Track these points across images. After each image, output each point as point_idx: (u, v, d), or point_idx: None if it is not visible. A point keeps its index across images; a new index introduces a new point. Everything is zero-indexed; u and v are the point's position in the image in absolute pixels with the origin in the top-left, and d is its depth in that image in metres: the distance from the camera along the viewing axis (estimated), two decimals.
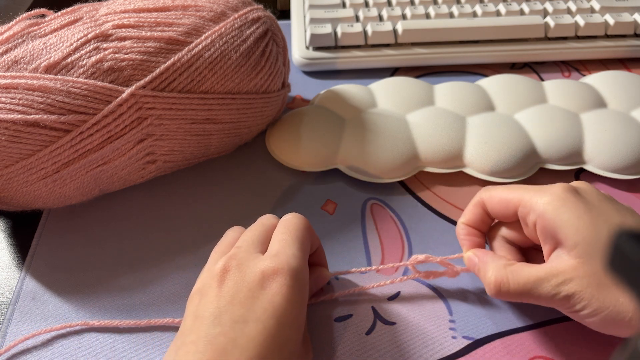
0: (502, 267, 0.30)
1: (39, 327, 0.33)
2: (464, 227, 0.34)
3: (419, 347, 0.32)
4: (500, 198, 0.32)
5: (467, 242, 0.33)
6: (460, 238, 0.34)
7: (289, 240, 0.29)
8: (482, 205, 0.33)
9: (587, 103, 0.43)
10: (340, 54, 0.49)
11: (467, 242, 0.33)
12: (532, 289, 0.28)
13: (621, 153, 0.39)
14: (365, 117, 0.42)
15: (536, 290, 0.28)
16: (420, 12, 0.50)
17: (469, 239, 0.33)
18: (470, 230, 0.34)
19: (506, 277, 0.29)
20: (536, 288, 0.28)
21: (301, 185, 0.41)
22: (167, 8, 0.36)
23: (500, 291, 0.29)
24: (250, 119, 0.39)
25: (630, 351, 0.16)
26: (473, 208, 0.34)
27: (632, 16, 0.50)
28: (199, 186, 0.41)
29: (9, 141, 0.32)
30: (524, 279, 0.29)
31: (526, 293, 0.29)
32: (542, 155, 0.40)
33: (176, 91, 0.35)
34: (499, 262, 0.30)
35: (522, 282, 0.29)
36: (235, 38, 0.36)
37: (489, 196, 0.32)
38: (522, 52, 0.50)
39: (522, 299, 0.29)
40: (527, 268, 0.29)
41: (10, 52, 0.34)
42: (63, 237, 0.38)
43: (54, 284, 0.35)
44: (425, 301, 0.34)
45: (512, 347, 0.32)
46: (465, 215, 0.34)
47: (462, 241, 0.34)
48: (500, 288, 0.29)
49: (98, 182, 0.36)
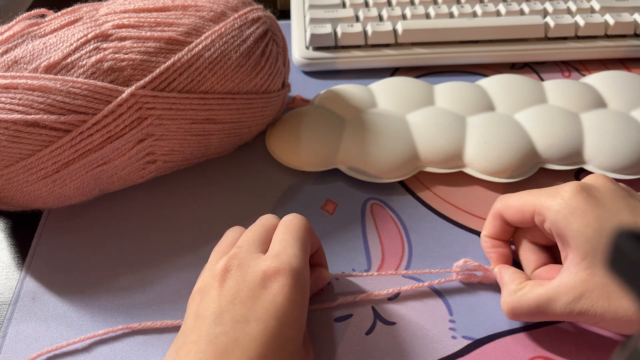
0: (512, 292, 0.30)
1: (39, 327, 0.33)
2: (488, 240, 0.34)
3: (419, 347, 0.32)
4: (516, 208, 0.32)
5: (494, 255, 0.34)
6: (486, 252, 0.34)
7: (290, 241, 0.29)
8: (500, 216, 0.33)
9: (587, 103, 0.43)
10: (340, 54, 0.49)
11: (494, 254, 0.34)
12: (545, 310, 0.28)
13: (621, 153, 0.39)
14: (365, 117, 0.42)
15: (550, 309, 0.28)
16: (420, 12, 0.50)
17: (495, 252, 0.34)
18: (494, 242, 0.34)
19: (517, 302, 0.30)
20: (549, 307, 0.28)
21: (301, 185, 0.41)
22: (167, 8, 0.36)
23: (514, 315, 0.30)
24: (250, 119, 0.39)
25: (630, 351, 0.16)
26: (492, 220, 0.34)
27: (632, 16, 0.50)
28: (199, 186, 0.41)
29: (9, 141, 0.32)
30: (535, 301, 0.29)
31: (540, 314, 0.29)
32: (542, 155, 0.40)
33: (176, 91, 0.35)
34: (510, 286, 0.31)
35: (535, 304, 0.29)
36: (235, 38, 0.36)
37: (505, 206, 0.32)
38: (522, 52, 0.50)
39: (539, 318, 0.30)
40: (537, 289, 0.29)
41: (10, 52, 0.34)
42: (63, 237, 0.38)
43: (54, 284, 0.35)
44: (425, 301, 0.34)
45: (512, 347, 0.32)
46: (486, 228, 0.34)
47: (488, 254, 0.34)
48: (514, 312, 0.30)
49: (98, 182, 0.36)
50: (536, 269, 0.32)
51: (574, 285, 0.27)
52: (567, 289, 0.28)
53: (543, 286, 0.29)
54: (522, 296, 0.29)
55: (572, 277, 0.28)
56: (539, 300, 0.29)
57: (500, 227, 0.33)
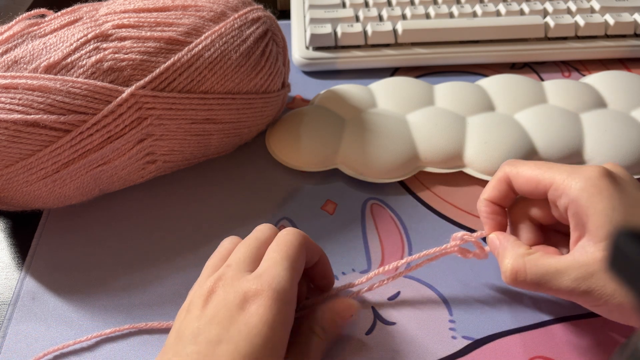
0: (520, 255, 0.29)
1: (39, 327, 0.33)
2: (487, 204, 0.33)
3: (419, 347, 0.32)
4: (529, 177, 0.30)
5: (490, 222, 0.32)
6: (482, 216, 0.33)
7: (277, 259, 0.28)
8: (506, 180, 0.31)
9: (587, 103, 0.43)
10: (340, 54, 0.49)
11: (490, 221, 0.32)
12: (550, 281, 0.28)
13: (621, 153, 0.39)
14: (365, 117, 0.42)
15: (554, 282, 0.27)
16: (420, 12, 0.50)
17: (492, 218, 0.32)
18: (493, 208, 0.32)
19: (523, 266, 0.28)
20: (554, 280, 0.27)
21: (301, 185, 0.41)
22: (167, 8, 0.36)
23: (516, 279, 0.29)
24: (250, 119, 0.39)
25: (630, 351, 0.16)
26: (497, 184, 0.32)
27: (632, 16, 0.50)
28: (199, 186, 0.41)
29: (9, 141, 0.32)
30: (542, 269, 0.28)
31: (543, 284, 0.28)
32: (542, 155, 0.40)
33: (176, 91, 0.35)
34: (518, 249, 0.30)
35: (541, 272, 0.28)
36: (235, 38, 0.36)
37: (516, 173, 0.31)
38: (522, 52, 0.50)
39: (539, 289, 0.29)
40: (547, 258, 0.28)
41: (10, 52, 0.34)
42: (63, 237, 0.38)
43: (54, 284, 0.35)
44: (425, 301, 0.34)
45: (512, 347, 0.32)
46: (487, 191, 0.32)
47: (484, 219, 0.33)
48: (516, 276, 0.29)
49: (98, 182, 0.36)
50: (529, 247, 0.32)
51: (587, 262, 0.27)
52: (579, 264, 0.27)
53: (554, 257, 0.28)
54: (531, 261, 0.28)
55: (587, 255, 0.27)
56: (547, 269, 0.28)
57: (504, 192, 0.32)
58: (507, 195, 0.32)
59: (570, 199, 0.28)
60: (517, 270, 0.29)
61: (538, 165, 0.30)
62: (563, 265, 0.27)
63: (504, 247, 0.30)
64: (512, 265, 0.29)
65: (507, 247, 0.30)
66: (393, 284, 0.34)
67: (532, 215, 0.32)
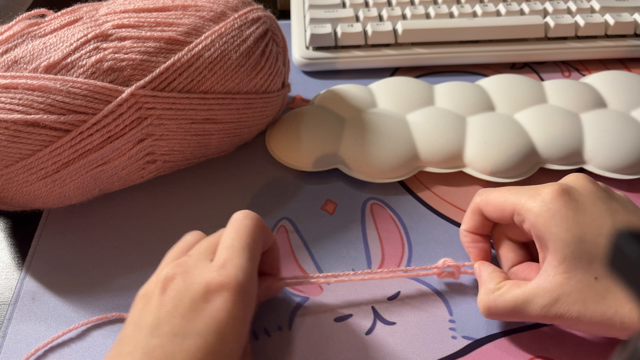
0: (490, 291, 0.30)
1: (39, 327, 0.33)
2: (467, 235, 0.34)
3: (419, 347, 0.32)
4: (495, 204, 0.31)
5: (474, 251, 0.34)
6: (465, 246, 0.34)
7: (237, 248, 0.27)
8: (479, 211, 0.33)
9: (587, 103, 0.43)
10: (340, 54, 0.49)
11: (473, 249, 0.34)
12: (522, 311, 0.28)
13: (621, 153, 0.39)
14: (365, 117, 0.42)
15: (526, 311, 0.28)
16: (420, 12, 0.50)
17: (474, 247, 0.34)
18: (473, 237, 0.34)
19: (494, 302, 0.30)
20: (525, 309, 0.28)
21: (301, 185, 0.41)
22: (167, 8, 0.36)
23: (490, 314, 0.30)
24: (250, 119, 0.39)
25: (630, 351, 0.16)
26: (472, 215, 0.34)
27: (632, 16, 0.50)
28: (199, 186, 0.41)
29: (9, 141, 0.32)
30: (511, 302, 0.29)
31: (517, 314, 0.29)
32: (542, 155, 0.40)
33: (176, 91, 0.35)
34: (488, 285, 0.31)
35: (511, 305, 0.29)
36: (235, 38, 0.36)
37: (485, 203, 0.32)
38: (522, 52, 0.50)
39: (513, 319, 0.30)
40: (514, 290, 0.29)
41: (10, 52, 0.34)
42: (63, 237, 0.38)
43: (54, 284, 0.35)
44: (425, 301, 0.34)
45: (512, 347, 0.32)
46: (465, 223, 0.34)
47: (467, 249, 0.34)
48: (489, 312, 0.30)
49: (98, 182, 0.36)
50: (513, 266, 0.33)
51: (550, 288, 0.27)
52: (543, 291, 0.28)
53: (520, 287, 0.29)
54: (499, 296, 0.29)
55: (549, 280, 0.28)
56: (515, 301, 0.29)
57: (479, 221, 0.33)
58: (483, 223, 0.33)
59: (530, 223, 0.29)
60: (489, 307, 0.30)
61: (503, 190, 0.31)
62: (529, 295, 0.28)
63: (480, 280, 0.32)
64: (483, 301, 0.30)
65: (482, 281, 0.32)
66: (393, 284, 0.34)
67: (511, 236, 0.33)
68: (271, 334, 0.32)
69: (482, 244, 0.34)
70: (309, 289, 0.35)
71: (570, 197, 0.29)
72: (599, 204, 0.29)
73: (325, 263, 0.36)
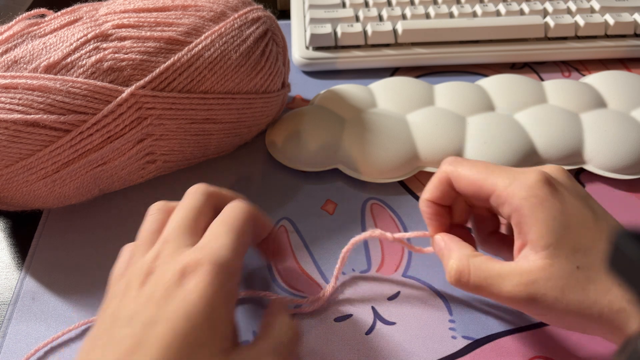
0: (465, 256, 0.29)
1: (39, 327, 0.33)
2: (429, 205, 0.32)
3: (419, 347, 0.32)
4: (470, 180, 0.29)
5: (434, 223, 0.32)
6: (425, 217, 0.32)
7: (221, 232, 0.26)
8: (447, 181, 0.31)
9: (587, 103, 0.43)
10: (340, 54, 0.49)
11: (434, 222, 0.32)
12: (492, 285, 0.27)
13: (621, 153, 0.39)
14: (365, 117, 0.42)
15: (496, 286, 0.27)
16: (420, 12, 0.50)
17: (436, 220, 0.32)
18: (435, 209, 0.32)
19: (467, 268, 0.28)
20: (497, 284, 0.27)
21: (301, 185, 0.41)
22: (167, 8, 0.36)
23: (459, 280, 0.28)
24: (250, 119, 0.39)
25: (630, 351, 0.16)
26: (439, 184, 0.31)
27: (632, 16, 0.50)
28: None
29: (9, 141, 0.32)
30: (485, 272, 0.28)
31: (485, 287, 0.28)
32: (542, 155, 0.40)
33: (176, 91, 0.35)
34: (463, 250, 0.29)
35: (484, 275, 0.28)
36: (235, 38, 0.36)
37: (457, 176, 0.30)
38: (522, 52, 0.50)
39: (481, 292, 0.28)
40: (491, 262, 0.28)
41: (10, 52, 0.34)
42: (63, 237, 0.38)
43: (54, 284, 0.35)
44: (425, 301, 0.34)
45: (512, 347, 0.32)
46: (430, 192, 0.32)
47: (427, 220, 0.32)
48: (460, 277, 0.28)
49: (98, 182, 0.36)
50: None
51: (529, 270, 0.26)
52: (522, 271, 0.27)
53: (498, 262, 0.28)
54: (475, 263, 0.28)
55: (528, 263, 0.27)
56: (490, 272, 0.27)
57: (446, 192, 0.31)
58: (449, 195, 0.31)
59: (513, 208, 0.28)
60: (461, 271, 0.28)
61: (479, 167, 0.30)
62: (506, 271, 0.27)
63: (450, 247, 0.30)
64: (457, 265, 0.29)
65: (453, 247, 0.30)
66: (393, 284, 0.34)
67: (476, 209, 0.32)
68: None
69: (444, 218, 0.32)
70: (309, 289, 0.35)
71: (554, 186, 0.28)
72: (579, 199, 0.28)
73: (325, 263, 0.36)
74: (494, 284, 0.27)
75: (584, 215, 0.27)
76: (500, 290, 0.27)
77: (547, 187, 0.27)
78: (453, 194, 0.31)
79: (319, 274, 0.35)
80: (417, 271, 0.35)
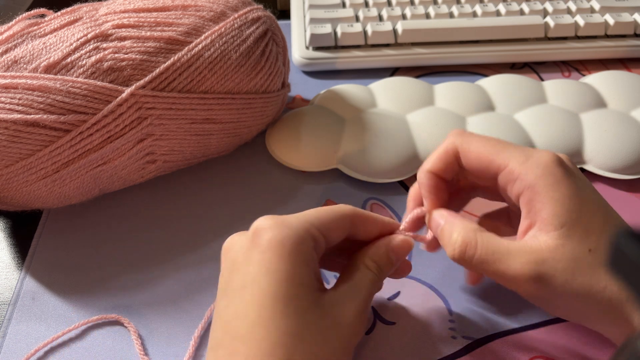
0: (472, 230, 0.27)
1: (39, 327, 0.33)
2: (430, 177, 0.30)
3: (419, 347, 0.32)
4: (480, 154, 0.28)
5: (432, 197, 0.30)
6: (423, 189, 0.30)
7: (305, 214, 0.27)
8: (454, 153, 0.29)
9: (587, 103, 0.43)
10: (340, 54, 0.49)
11: (432, 196, 0.30)
12: (499, 261, 0.26)
13: (621, 153, 0.39)
14: (365, 117, 0.42)
15: (503, 263, 0.26)
16: (420, 12, 0.50)
17: (434, 194, 0.30)
18: (435, 182, 0.30)
19: (475, 241, 0.26)
20: (503, 260, 0.26)
21: (301, 185, 0.41)
22: (167, 8, 0.36)
23: (464, 255, 0.27)
24: (250, 119, 0.39)
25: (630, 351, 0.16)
26: (444, 155, 0.29)
27: (632, 16, 0.50)
28: (199, 186, 0.41)
29: (9, 141, 0.32)
30: (493, 247, 0.26)
31: (492, 264, 0.26)
32: None
33: (176, 91, 0.35)
34: (470, 224, 0.27)
35: (491, 250, 0.26)
36: (235, 38, 0.36)
37: (467, 149, 0.28)
38: (522, 52, 0.50)
39: (485, 269, 0.26)
40: (499, 239, 0.26)
41: (10, 52, 0.34)
42: (63, 237, 0.38)
43: (54, 284, 0.35)
44: (425, 301, 0.34)
45: (512, 347, 0.32)
46: (432, 162, 0.30)
47: (426, 193, 0.30)
48: (465, 251, 0.27)
49: (98, 182, 0.36)
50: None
51: (539, 249, 0.25)
52: (531, 250, 0.25)
53: (506, 239, 0.26)
54: (483, 237, 0.26)
55: (539, 242, 0.25)
56: (499, 247, 0.26)
57: (449, 165, 0.29)
58: (452, 168, 0.29)
59: (526, 185, 0.26)
60: (467, 244, 0.27)
61: (491, 141, 0.28)
62: (515, 248, 0.26)
63: (451, 222, 0.28)
64: (462, 238, 0.27)
65: (455, 222, 0.28)
66: (393, 284, 0.34)
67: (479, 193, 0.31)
68: None
69: (443, 193, 0.30)
70: None
71: (568, 168, 0.27)
72: (587, 183, 0.27)
73: None
74: (501, 259, 0.26)
75: (595, 200, 0.27)
76: (508, 267, 0.25)
77: (561, 167, 0.27)
78: (456, 168, 0.30)
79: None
80: (417, 271, 0.35)
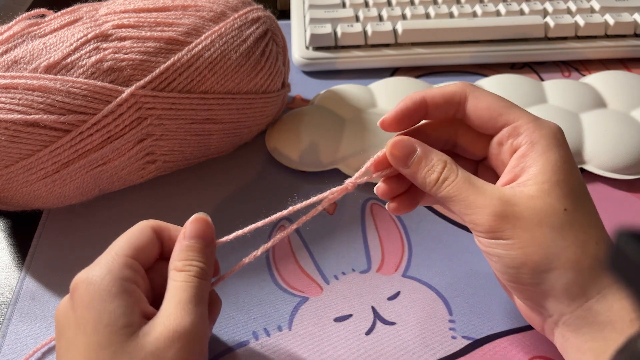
0: (451, 160, 0.27)
1: (39, 327, 0.33)
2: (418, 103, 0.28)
3: (419, 347, 0.32)
4: (490, 106, 0.28)
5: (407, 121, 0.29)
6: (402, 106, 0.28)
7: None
8: (460, 99, 0.28)
9: (587, 103, 0.43)
10: (340, 54, 0.49)
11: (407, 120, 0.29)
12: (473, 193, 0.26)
13: (621, 153, 0.39)
14: (365, 117, 0.42)
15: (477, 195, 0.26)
16: (420, 12, 0.50)
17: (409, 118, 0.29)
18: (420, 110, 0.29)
19: (455, 167, 0.27)
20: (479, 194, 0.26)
21: (301, 185, 0.41)
22: (167, 8, 0.36)
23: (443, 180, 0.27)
24: (250, 119, 0.39)
25: (630, 351, 0.16)
26: (450, 95, 0.28)
27: (632, 16, 0.50)
28: (199, 186, 0.41)
29: (9, 141, 0.32)
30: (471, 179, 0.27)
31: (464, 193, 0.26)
32: None
33: (176, 91, 0.35)
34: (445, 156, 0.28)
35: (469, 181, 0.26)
36: (235, 38, 0.36)
37: (477, 97, 0.28)
38: (522, 52, 0.50)
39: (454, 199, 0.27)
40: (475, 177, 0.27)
41: (10, 52, 0.34)
42: (63, 237, 0.38)
43: (54, 284, 0.35)
44: (425, 301, 0.34)
45: (512, 347, 0.32)
46: (434, 93, 0.29)
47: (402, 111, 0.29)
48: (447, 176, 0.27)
49: (98, 182, 0.36)
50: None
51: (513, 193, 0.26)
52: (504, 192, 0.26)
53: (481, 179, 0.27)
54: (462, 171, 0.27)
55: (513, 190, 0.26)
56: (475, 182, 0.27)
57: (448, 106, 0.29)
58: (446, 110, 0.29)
59: (529, 140, 0.27)
60: (449, 169, 0.27)
61: (502, 99, 0.28)
62: (491, 187, 0.26)
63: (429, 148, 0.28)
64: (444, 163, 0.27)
65: (433, 149, 0.28)
66: (393, 284, 0.34)
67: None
68: (271, 334, 0.32)
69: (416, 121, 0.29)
70: (309, 289, 0.35)
71: (566, 140, 0.28)
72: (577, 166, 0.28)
73: (325, 263, 0.36)
74: (475, 192, 0.26)
75: (579, 174, 0.27)
76: (475, 200, 0.26)
77: (564, 139, 0.28)
78: (450, 113, 0.29)
79: (318, 274, 0.35)
80: (417, 271, 0.35)
